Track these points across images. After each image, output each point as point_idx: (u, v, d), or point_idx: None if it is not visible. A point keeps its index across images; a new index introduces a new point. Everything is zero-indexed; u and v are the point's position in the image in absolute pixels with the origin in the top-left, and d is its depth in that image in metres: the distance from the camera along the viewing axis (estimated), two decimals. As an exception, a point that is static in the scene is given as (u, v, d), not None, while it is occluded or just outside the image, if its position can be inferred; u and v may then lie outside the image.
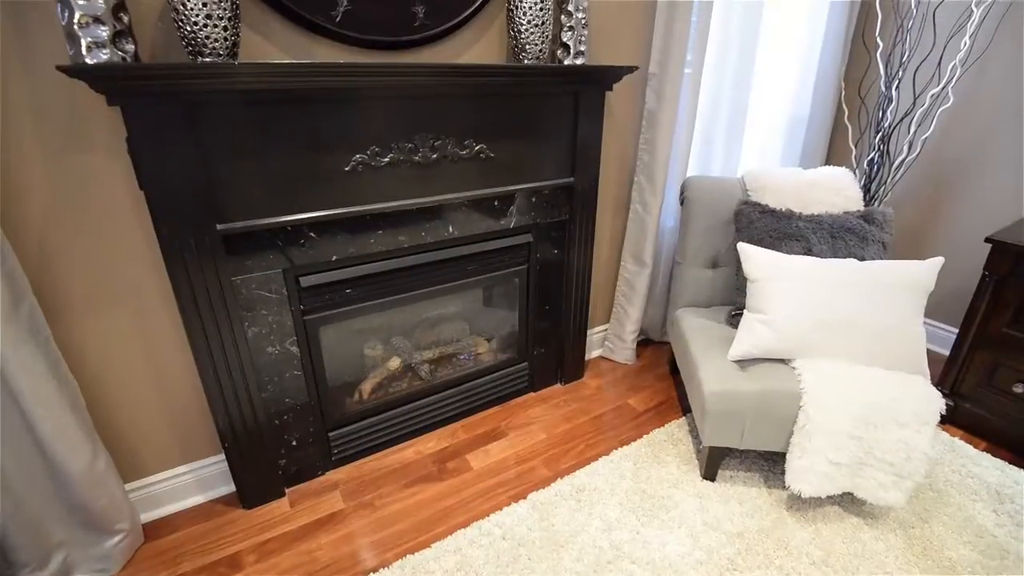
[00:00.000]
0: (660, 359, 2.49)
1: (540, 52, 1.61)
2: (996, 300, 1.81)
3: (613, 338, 2.45)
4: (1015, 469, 1.78)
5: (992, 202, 2.28)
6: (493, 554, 1.48)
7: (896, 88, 2.24)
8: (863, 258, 1.75)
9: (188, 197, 1.26)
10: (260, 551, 1.51)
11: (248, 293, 1.44)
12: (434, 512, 1.64)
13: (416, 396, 1.93)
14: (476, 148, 1.63)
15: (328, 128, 1.39)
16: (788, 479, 1.54)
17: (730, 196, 1.99)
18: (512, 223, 1.83)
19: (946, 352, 2.05)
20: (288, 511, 1.64)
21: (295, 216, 1.41)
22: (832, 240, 1.77)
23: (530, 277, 2.01)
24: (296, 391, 1.63)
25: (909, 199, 2.53)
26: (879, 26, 2.30)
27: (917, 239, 2.56)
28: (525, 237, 1.91)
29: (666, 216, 2.28)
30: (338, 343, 1.84)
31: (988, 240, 1.79)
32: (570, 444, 1.93)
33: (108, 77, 1.09)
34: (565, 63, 1.71)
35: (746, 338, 1.62)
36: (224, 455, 1.57)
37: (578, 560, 1.46)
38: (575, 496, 1.67)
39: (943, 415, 1.48)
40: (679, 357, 1.98)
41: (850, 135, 2.52)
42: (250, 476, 1.62)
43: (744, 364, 1.64)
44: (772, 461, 1.80)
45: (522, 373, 2.17)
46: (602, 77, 1.76)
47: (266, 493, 1.66)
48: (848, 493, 1.59)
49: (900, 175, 2.35)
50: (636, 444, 1.90)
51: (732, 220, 1.94)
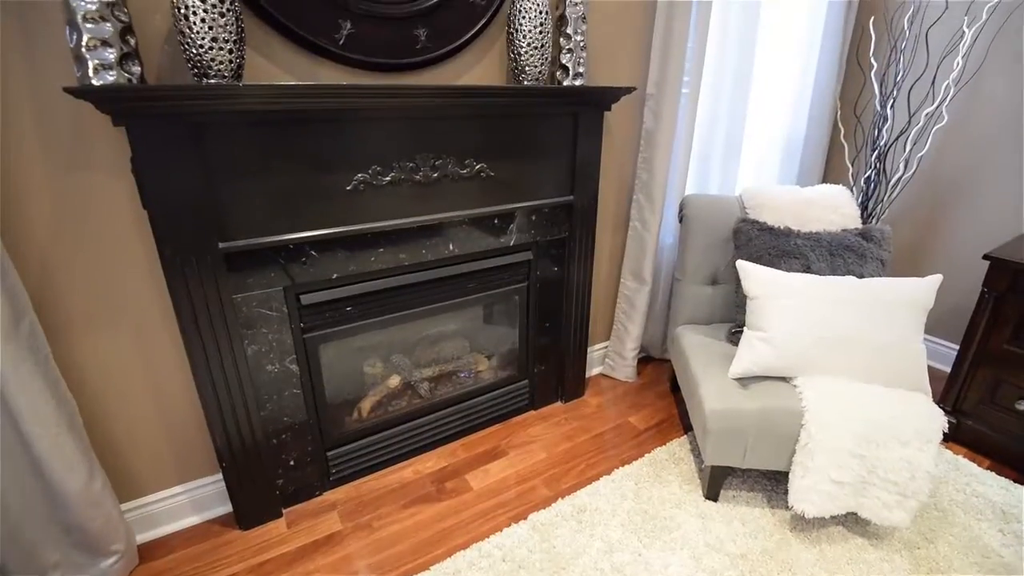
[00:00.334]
0: (661, 376, 2.48)
1: (540, 74, 1.64)
2: (996, 317, 1.82)
3: (613, 355, 2.45)
4: (1020, 488, 1.76)
5: (990, 218, 2.29)
6: (493, 576, 1.46)
7: (891, 107, 2.27)
8: (862, 275, 1.75)
9: (191, 216, 1.27)
10: (256, 573, 1.49)
11: (248, 311, 1.44)
12: (433, 533, 1.62)
13: (415, 414, 1.92)
14: (477, 167, 1.65)
15: (330, 148, 1.41)
16: (791, 499, 1.52)
17: (728, 214, 2.00)
18: (512, 241, 1.84)
19: (947, 369, 2.04)
20: (285, 532, 1.62)
21: (297, 234, 1.42)
22: (831, 258, 1.78)
23: (530, 294, 2.01)
24: (295, 410, 1.62)
25: (906, 216, 2.55)
26: (873, 47, 2.34)
27: (915, 256, 2.57)
28: (525, 255, 1.92)
29: (665, 233, 2.29)
30: (338, 361, 1.83)
31: (986, 257, 1.80)
32: (571, 463, 1.91)
33: (114, 98, 1.11)
34: (564, 84, 1.73)
35: (746, 355, 1.62)
36: (221, 475, 1.56)
37: (579, 582, 1.44)
38: (576, 517, 1.65)
39: (946, 433, 1.47)
40: (680, 374, 1.98)
41: (847, 153, 2.55)
42: (247, 496, 1.60)
43: (745, 382, 1.63)
44: (775, 481, 1.78)
45: (522, 391, 2.16)
46: (601, 98, 1.79)
47: (263, 514, 1.64)
48: (852, 513, 1.57)
49: (897, 193, 2.37)
50: (637, 463, 1.88)
51: (731, 238, 1.95)
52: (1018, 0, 2.05)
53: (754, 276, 1.66)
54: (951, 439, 1.99)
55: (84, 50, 1.07)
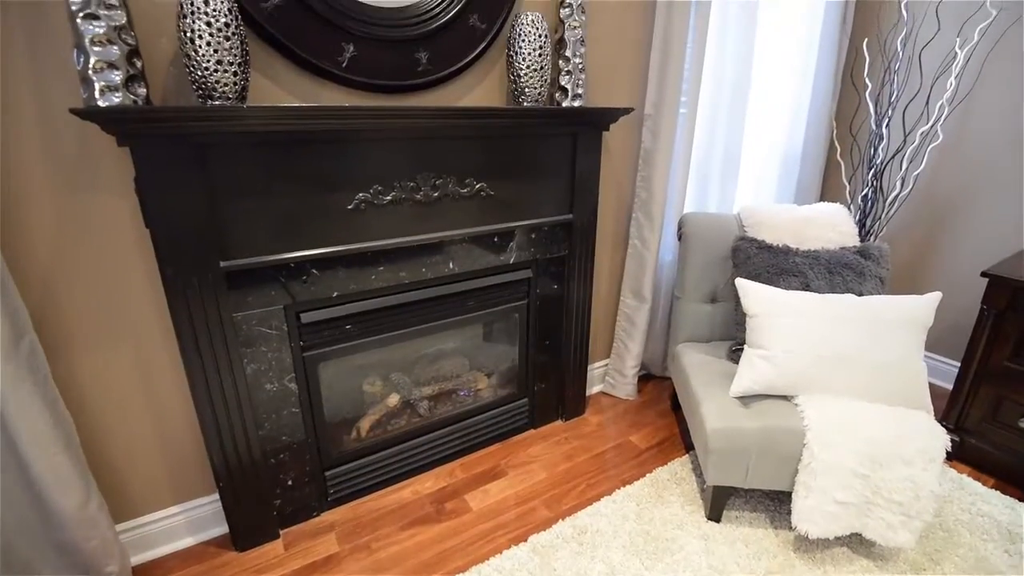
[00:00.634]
0: (662, 394, 2.46)
1: (539, 95, 1.66)
2: (996, 334, 1.81)
3: (614, 373, 2.44)
4: (1026, 508, 1.74)
5: (988, 235, 2.30)
6: (493, 599, 1.43)
7: (886, 126, 2.30)
8: (861, 293, 1.76)
9: (193, 235, 1.27)
10: (252, 597, 1.47)
11: (248, 330, 1.44)
12: (432, 555, 1.59)
13: (415, 433, 1.90)
14: (477, 186, 1.66)
15: (332, 168, 1.42)
16: (795, 519, 1.51)
17: (727, 232, 2.02)
18: (512, 259, 1.85)
19: (949, 386, 2.03)
20: (282, 554, 1.60)
21: (298, 253, 1.43)
22: (830, 275, 1.79)
23: (530, 312, 2.01)
24: (293, 429, 1.61)
25: (904, 234, 2.56)
26: (867, 68, 2.38)
27: (914, 274, 2.57)
28: (525, 272, 1.92)
29: (664, 251, 2.30)
30: (337, 379, 1.82)
31: (985, 274, 1.81)
32: (571, 483, 1.89)
33: (119, 119, 1.12)
34: (563, 105, 1.76)
35: (747, 374, 1.61)
36: (218, 495, 1.54)
37: (581, 606, 1.42)
38: (577, 538, 1.63)
39: (949, 451, 1.46)
40: (680, 393, 1.97)
41: (843, 172, 2.57)
42: (244, 517, 1.58)
43: (746, 400, 1.63)
44: (778, 501, 1.76)
45: (522, 409, 2.15)
46: (599, 118, 1.81)
47: (260, 535, 1.62)
48: (856, 534, 1.55)
49: (894, 211, 2.38)
50: (639, 483, 1.86)
51: (729, 256, 1.96)
52: (1009, 21, 2.09)
53: (753, 294, 1.66)
54: (955, 458, 1.97)
55: (91, 72, 1.09)
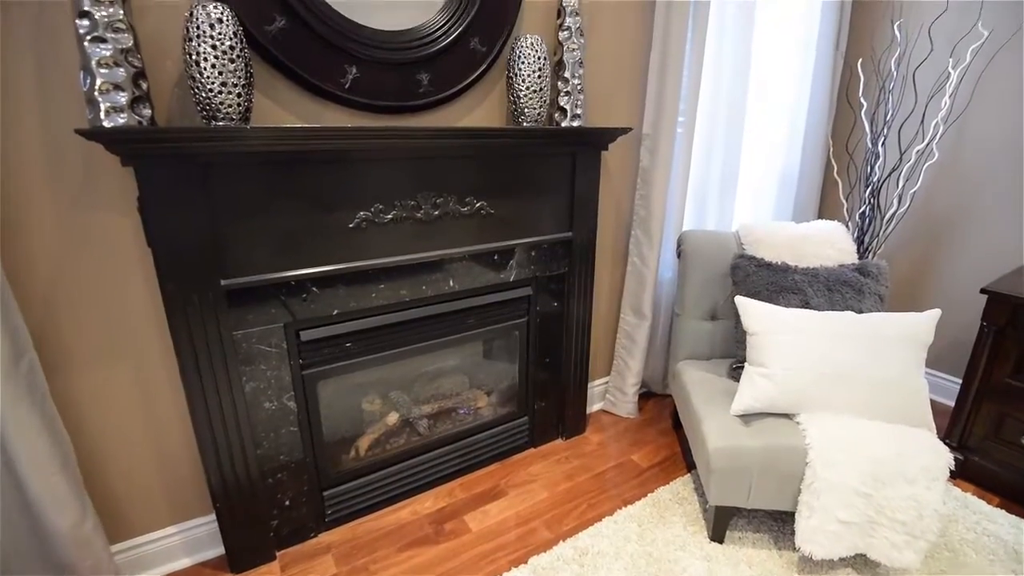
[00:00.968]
0: (663, 412, 2.45)
1: (538, 115, 1.68)
2: (996, 351, 1.81)
3: (614, 391, 2.43)
4: (1032, 528, 1.72)
5: (987, 251, 2.31)
6: (493, 623, 1.41)
7: (882, 144, 2.33)
8: (860, 311, 1.76)
9: (194, 254, 1.28)
10: (248, 620, 1.44)
11: (248, 348, 1.44)
12: (431, 577, 1.57)
13: (414, 452, 1.89)
14: (477, 205, 1.68)
15: (334, 187, 1.43)
16: (798, 540, 1.49)
17: (726, 249, 2.02)
18: (512, 276, 1.86)
19: (951, 403, 2.02)
20: (279, 576, 1.58)
21: (299, 271, 1.43)
22: (829, 293, 1.79)
23: (530, 330, 2.01)
24: (291, 448, 1.60)
25: (903, 251, 2.57)
26: (862, 88, 2.41)
27: (913, 291, 2.58)
28: (525, 290, 1.93)
29: (664, 268, 2.31)
30: (336, 398, 1.81)
31: (984, 291, 1.81)
32: (572, 503, 1.87)
33: (123, 140, 1.13)
34: (562, 125, 1.78)
35: (748, 392, 1.61)
36: (214, 515, 1.52)
37: (582, 629, 1.39)
38: (578, 560, 1.60)
39: (952, 470, 1.45)
40: (681, 411, 1.96)
41: (841, 189, 2.60)
42: (241, 538, 1.56)
43: (747, 419, 1.62)
44: (781, 521, 1.74)
45: (522, 428, 2.13)
46: (598, 138, 1.83)
47: (256, 556, 1.60)
48: (861, 555, 1.53)
49: (892, 228, 2.40)
50: (641, 503, 1.84)
51: (729, 273, 1.97)
52: (1001, 41, 2.12)
53: (753, 312, 1.66)
54: (958, 476, 1.95)
55: (97, 94, 1.11)
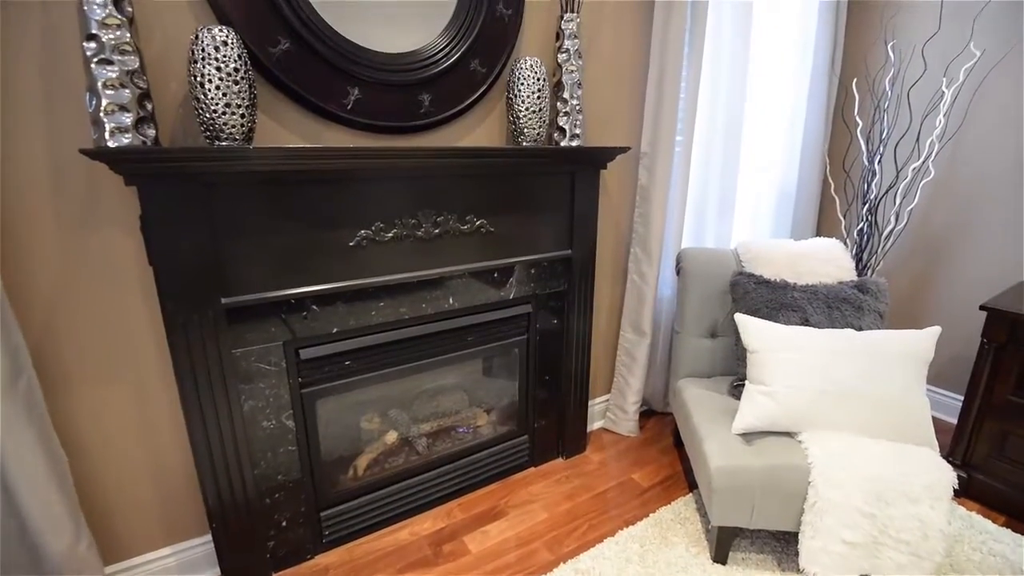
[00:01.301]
0: (664, 430, 2.43)
1: (538, 135, 1.70)
2: (997, 368, 1.81)
3: (615, 409, 2.41)
4: (1040, 548, 1.70)
5: (986, 267, 2.31)
6: (493, 648, 1.38)
7: (878, 162, 2.35)
8: (860, 328, 1.76)
9: (196, 272, 1.28)
10: (243, 645, 1.41)
11: (247, 366, 1.44)
12: (430, 600, 1.55)
13: (413, 472, 1.87)
14: (477, 223, 1.69)
15: (335, 206, 1.45)
16: (802, 561, 1.47)
17: (725, 266, 2.03)
18: (512, 294, 1.86)
19: (953, 420, 2.01)
20: (275, 599, 1.55)
21: (299, 289, 1.44)
22: (828, 310, 1.79)
23: (530, 347, 2.01)
24: (289, 467, 1.58)
25: (902, 268, 2.58)
26: (857, 107, 2.44)
27: (913, 308, 2.58)
28: (525, 308, 1.93)
29: (663, 286, 2.32)
30: (335, 416, 1.80)
31: (983, 308, 1.81)
32: (573, 524, 1.85)
33: (127, 160, 1.14)
34: (561, 145, 1.80)
35: (749, 410, 1.60)
36: (210, 536, 1.50)
37: (584, 654, 1.36)
38: (579, 581, 1.58)
39: (956, 488, 1.43)
40: (682, 429, 1.94)
41: (838, 207, 2.61)
42: (237, 559, 1.53)
43: (749, 438, 1.61)
44: (784, 542, 1.72)
45: (522, 447, 2.11)
46: (596, 158, 1.85)
47: (253, 579, 1.58)
48: (867, 576, 1.51)
49: (890, 245, 2.41)
50: (642, 524, 1.82)
51: (728, 290, 1.97)
52: (993, 61, 2.16)
53: (753, 330, 1.66)
54: (963, 494, 1.93)
55: (102, 114, 1.12)
